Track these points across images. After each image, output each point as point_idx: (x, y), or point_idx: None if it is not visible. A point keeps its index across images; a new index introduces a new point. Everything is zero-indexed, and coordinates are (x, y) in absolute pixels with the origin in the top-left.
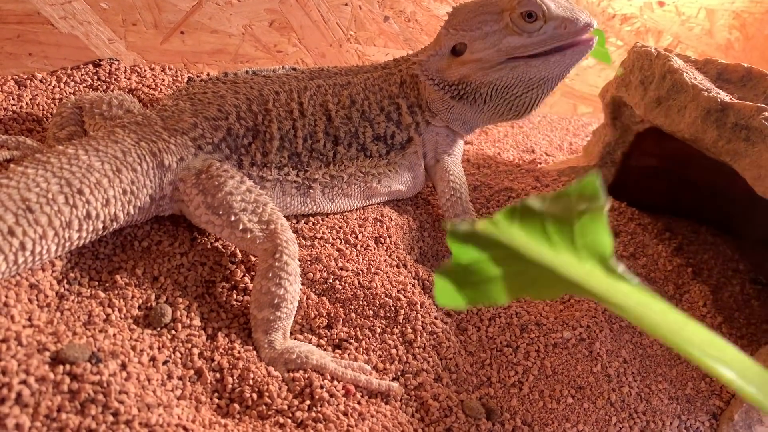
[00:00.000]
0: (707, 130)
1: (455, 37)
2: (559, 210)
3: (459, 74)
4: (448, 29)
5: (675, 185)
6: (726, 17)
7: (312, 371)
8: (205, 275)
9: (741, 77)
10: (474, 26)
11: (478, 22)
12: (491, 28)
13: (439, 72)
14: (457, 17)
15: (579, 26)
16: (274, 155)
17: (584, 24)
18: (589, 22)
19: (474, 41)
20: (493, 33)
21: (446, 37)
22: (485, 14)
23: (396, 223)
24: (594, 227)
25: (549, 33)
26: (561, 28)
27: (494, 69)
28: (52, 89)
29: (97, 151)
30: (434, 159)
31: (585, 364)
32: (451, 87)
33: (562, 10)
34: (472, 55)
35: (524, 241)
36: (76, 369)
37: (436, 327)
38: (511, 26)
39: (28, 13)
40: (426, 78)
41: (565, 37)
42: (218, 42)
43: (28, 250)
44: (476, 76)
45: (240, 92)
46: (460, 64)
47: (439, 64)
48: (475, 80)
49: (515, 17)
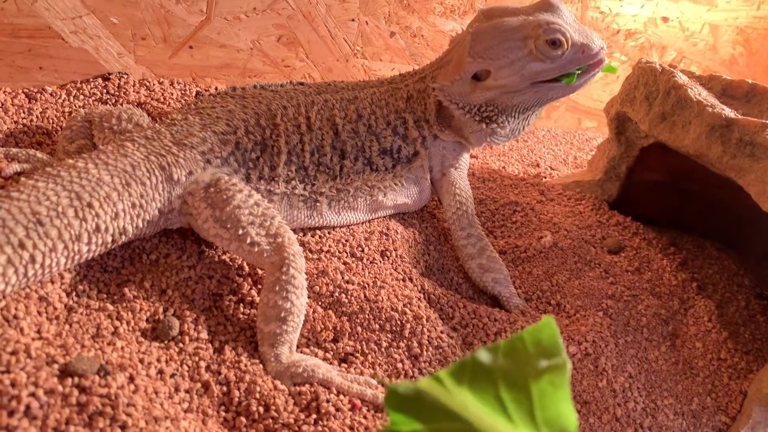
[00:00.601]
0: (712, 145)
1: (480, 65)
2: (513, 367)
3: (484, 98)
4: (473, 57)
5: (679, 199)
6: (730, 33)
7: (318, 385)
8: (213, 288)
9: (745, 93)
10: (499, 54)
11: (504, 49)
12: (516, 55)
13: (463, 96)
14: (481, 44)
15: (595, 50)
16: (281, 169)
17: (599, 48)
18: (603, 45)
19: (499, 69)
20: (518, 60)
21: (470, 64)
22: (509, 41)
23: (402, 236)
24: (556, 396)
25: (569, 58)
26: (579, 53)
27: (518, 93)
28: (61, 102)
29: (106, 165)
30: (440, 173)
31: (590, 379)
32: (475, 110)
33: (579, 36)
34: (496, 81)
35: (475, 411)
36: (85, 382)
37: (442, 341)
38: (535, 53)
39: (39, 27)
40: (449, 102)
41: (583, 61)
42: (226, 56)
43: (38, 262)
44: (501, 100)
45: (248, 107)
46: (485, 89)
47: (461, 89)
48: (500, 104)
49: (540, 44)
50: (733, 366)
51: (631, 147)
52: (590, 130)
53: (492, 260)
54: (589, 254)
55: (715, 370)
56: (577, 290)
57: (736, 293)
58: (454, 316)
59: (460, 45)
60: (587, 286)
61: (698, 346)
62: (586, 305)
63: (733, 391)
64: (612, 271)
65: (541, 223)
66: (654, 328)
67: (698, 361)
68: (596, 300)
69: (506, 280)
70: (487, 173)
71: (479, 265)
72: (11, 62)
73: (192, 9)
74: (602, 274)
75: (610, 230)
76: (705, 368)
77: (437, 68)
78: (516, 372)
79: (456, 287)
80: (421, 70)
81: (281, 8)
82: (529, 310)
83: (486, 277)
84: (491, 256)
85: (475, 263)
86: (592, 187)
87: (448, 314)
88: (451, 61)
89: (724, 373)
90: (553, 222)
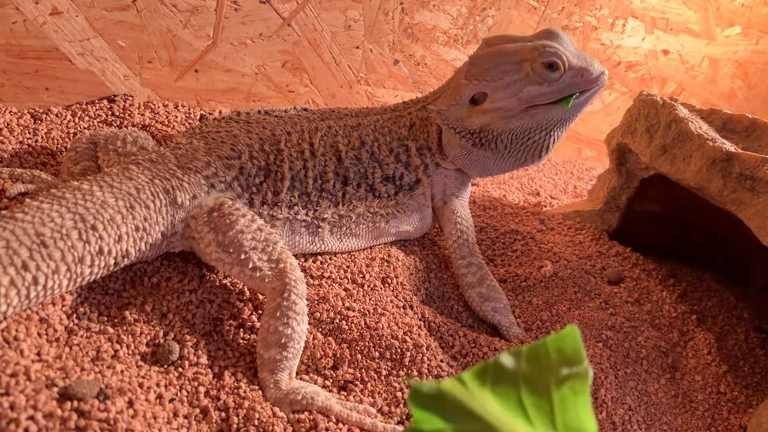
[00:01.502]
0: (712, 179)
1: (477, 88)
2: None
3: (480, 123)
4: (469, 80)
5: (679, 231)
6: (729, 66)
7: (317, 413)
8: (213, 313)
9: (745, 128)
10: (495, 77)
11: (499, 72)
12: (512, 78)
13: (460, 120)
14: (477, 67)
15: (594, 75)
16: (284, 194)
17: (599, 73)
18: (602, 70)
19: (495, 91)
20: (514, 83)
21: (467, 87)
22: (506, 64)
23: (403, 263)
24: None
25: (566, 82)
26: (578, 76)
27: (515, 117)
28: (67, 123)
29: (111, 188)
30: (442, 201)
31: None
32: (472, 135)
33: (578, 60)
34: (492, 104)
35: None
36: (84, 405)
37: (442, 370)
38: (532, 76)
39: (47, 48)
40: (447, 126)
41: (582, 85)
42: (231, 81)
43: (41, 284)
44: (498, 124)
45: (253, 132)
46: (481, 113)
47: (459, 113)
48: (496, 128)
49: (537, 67)
50: (732, 400)
51: (631, 178)
52: (590, 159)
53: (492, 289)
54: (589, 284)
55: (715, 404)
56: (576, 320)
57: (736, 326)
58: (454, 345)
59: (459, 71)
60: (587, 316)
61: (698, 379)
62: (586, 336)
63: (733, 425)
64: (612, 301)
65: (542, 252)
66: (654, 360)
67: (698, 395)
68: (596, 331)
69: (506, 309)
70: (488, 201)
71: (479, 294)
72: (18, 83)
73: (199, 33)
74: (602, 304)
75: (610, 261)
76: (704, 402)
77: (439, 96)
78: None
79: (456, 315)
80: (424, 98)
81: (287, 34)
82: (528, 339)
83: (486, 306)
84: (491, 285)
85: (475, 292)
86: (593, 217)
87: (448, 343)
88: (450, 87)
89: (723, 407)
90: (553, 251)
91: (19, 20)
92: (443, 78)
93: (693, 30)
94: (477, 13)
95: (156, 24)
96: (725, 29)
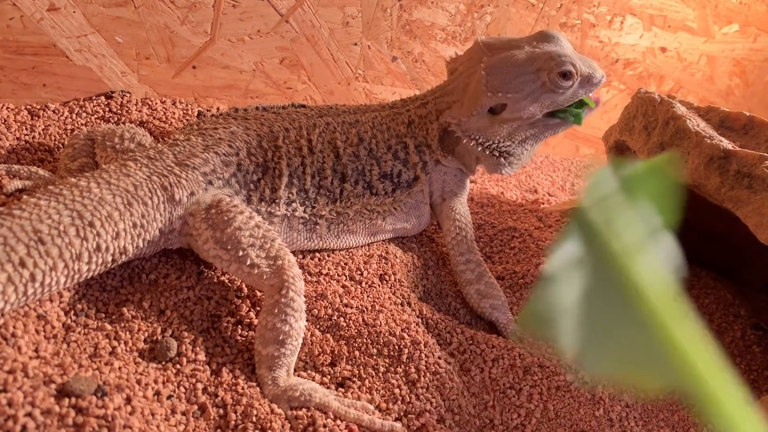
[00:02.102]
0: (710, 176)
1: (498, 99)
2: None
3: (504, 132)
4: (493, 92)
5: (675, 229)
6: (727, 64)
7: (315, 409)
8: (211, 309)
9: (743, 125)
10: (516, 88)
11: (520, 83)
12: (531, 88)
13: (481, 131)
14: (497, 78)
15: (598, 80)
16: (282, 191)
17: (601, 77)
18: (604, 74)
19: (517, 102)
20: (533, 92)
21: (489, 98)
22: (524, 75)
23: (401, 260)
24: None
25: (575, 88)
26: (585, 82)
27: (533, 125)
28: (64, 120)
29: (109, 185)
30: (441, 198)
31: (587, 408)
32: (497, 144)
33: (585, 67)
34: (512, 114)
35: None
36: (82, 402)
37: (440, 367)
38: (547, 84)
39: (44, 45)
40: (468, 138)
41: (588, 91)
42: (229, 77)
43: (38, 281)
44: (516, 132)
45: (250, 128)
46: (502, 122)
47: (479, 123)
48: (519, 136)
49: (553, 77)
50: None
51: None
52: (588, 156)
53: (490, 286)
54: None
55: None
56: None
57: (732, 324)
58: (451, 342)
59: (470, 78)
60: None
61: None
62: None
63: None
64: None
65: (539, 249)
66: None
67: None
68: None
69: (504, 307)
70: (486, 198)
71: (477, 291)
72: (15, 79)
73: (196, 30)
74: None
75: None
76: None
77: (440, 96)
78: None
79: (454, 312)
80: (423, 96)
81: (285, 31)
82: (526, 337)
83: (484, 303)
84: (489, 282)
85: (473, 289)
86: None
87: (446, 340)
88: (456, 92)
89: None
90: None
91: (16, 16)
92: (441, 75)
93: (691, 27)
94: (475, 10)
95: (153, 20)
96: (723, 27)
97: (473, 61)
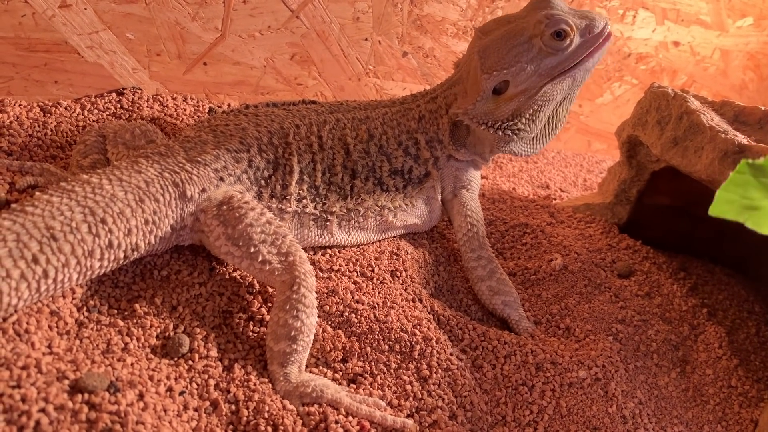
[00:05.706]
0: (724, 171)
1: (497, 78)
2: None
3: (510, 109)
4: (488, 73)
5: (690, 224)
6: (740, 58)
7: (327, 406)
8: (223, 305)
9: (758, 120)
10: (511, 62)
11: (514, 56)
12: (527, 57)
13: (489, 114)
14: (491, 58)
15: (600, 29)
16: (293, 187)
17: (603, 25)
18: (606, 21)
19: (516, 75)
20: (531, 61)
21: (487, 80)
22: (517, 46)
23: (412, 256)
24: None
25: (577, 43)
26: (587, 34)
27: (540, 93)
28: (76, 117)
29: (120, 181)
30: (452, 193)
31: (600, 405)
32: (507, 124)
33: (580, 19)
34: (516, 88)
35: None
36: (95, 398)
37: (452, 363)
38: (544, 49)
39: (56, 42)
40: (477, 123)
41: (592, 43)
42: (240, 73)
43: (51, 278)
44: (526, 105)
45: (261, 125)
46: (508, 100)
47: (485, 107)
48: (526, 110)
49: (546, 39)
50: (743, 394)
51: (642, 171)
52: (600, 152)
53: (502, 282)
54: (599, 278)
55: (726, 398)
56: (586, 314)
57: (747, 319)
58: (463, 338)
59: (469, 66)
60: (597, 310)
61: (708, 373)
62: (596, 329)
63: (744, 419)
64: (622, 295)
65: (551, 245)
66: (664, 353)
67: (708, 389)
68: (606, 324)
69: (516, 303)
70: (497, 194)
71: (489, 287)
72: (27, 76)
73: (207, 26)
74: (612, 298)
75: (621, 254)
76: (715, 396)
77: (447, 89)
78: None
79: (465, 309)
80: (432, 91)
81: (295, 27)
82: (538, 333)
83: (495, 299)
84: (501, 279)
85: (484, 285)
86: (603, 210)
87: (458, 336)
88: (461, 82)
89: (734, 401)
90: (563, 245)
91: (27, 13)
92: (452, 70)
93: (704, 21)
94: (486, 4)
95: (164, 16)
96: (737, 20)
97: (471, 48)
